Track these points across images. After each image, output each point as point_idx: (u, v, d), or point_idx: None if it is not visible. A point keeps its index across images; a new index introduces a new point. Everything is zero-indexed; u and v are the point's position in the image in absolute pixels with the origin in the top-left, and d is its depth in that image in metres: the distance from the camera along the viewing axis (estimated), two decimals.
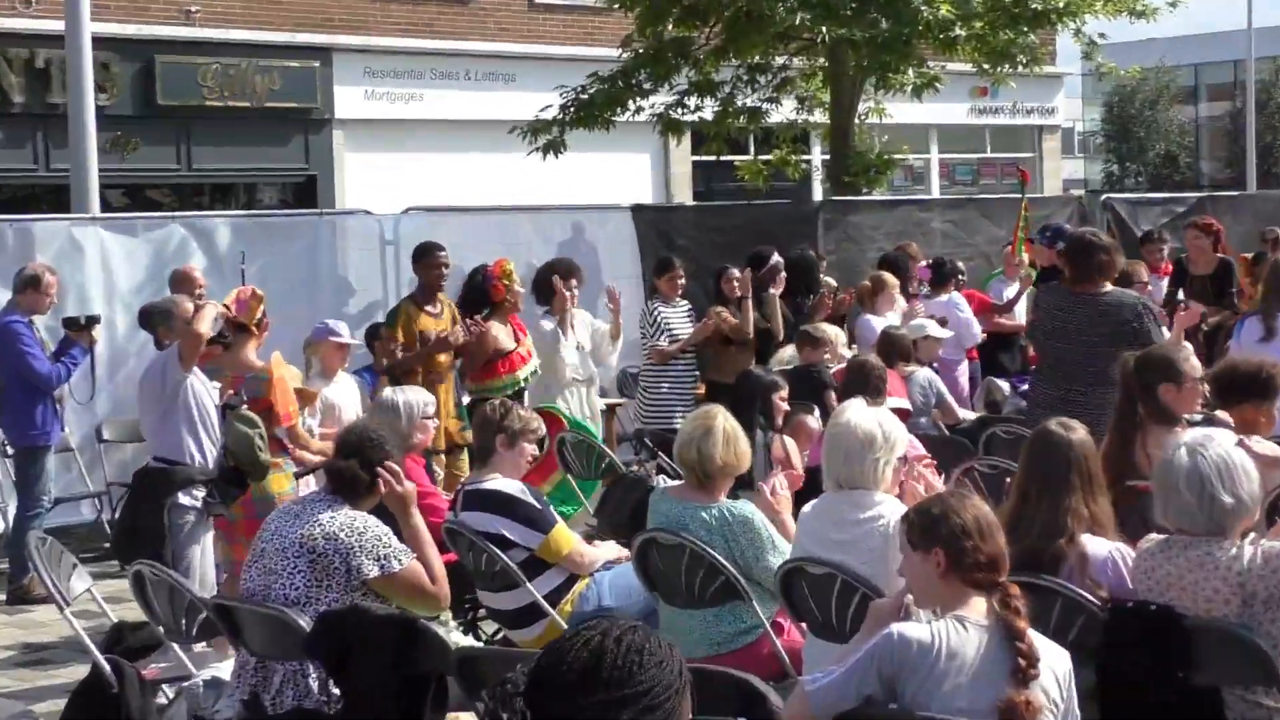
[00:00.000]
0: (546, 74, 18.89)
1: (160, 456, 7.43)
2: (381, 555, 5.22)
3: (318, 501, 5.41)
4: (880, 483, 5.38)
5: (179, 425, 7.39)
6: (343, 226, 12.78)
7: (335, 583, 5.20)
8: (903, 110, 18.67)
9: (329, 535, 5.22)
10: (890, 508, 5.32)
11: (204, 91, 19.47)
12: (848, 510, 5.38)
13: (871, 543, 5.27)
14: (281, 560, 5.25)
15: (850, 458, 5.38)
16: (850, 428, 5.41)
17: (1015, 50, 15.51)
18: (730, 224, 14.42)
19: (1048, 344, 8.18)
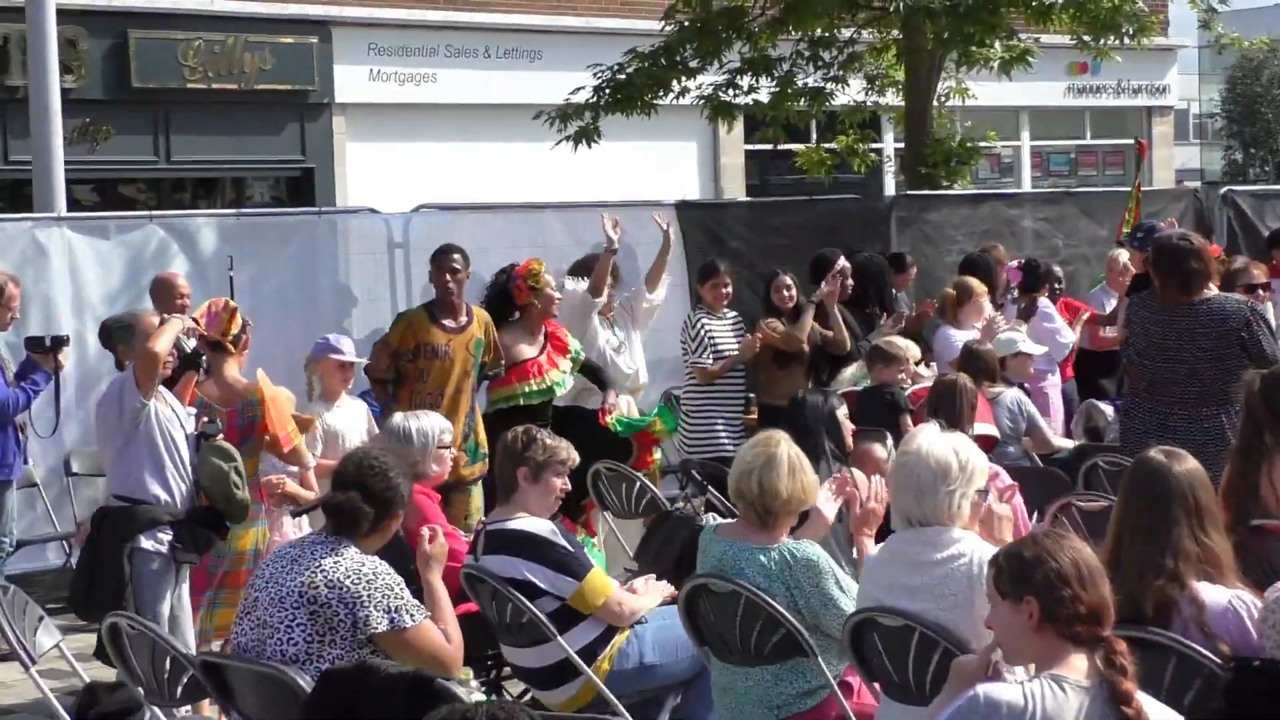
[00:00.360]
0: (578, 51, 18.97)
1: (121, 494, 7.45)
2: (393, 607, 5.25)
3: (318, 544, 5.45)
4: (957, 518, 5.40)
5: (140, 458, 7.39)
6: (345, 227, 12.87)
7: (339, 637, 5.23)
8: (989, 91, 18.63)
9: (333, 583, 5.24)
10: (972, 544, 5.33)
11: (185, 72, 19.61)
12: (922, 550, 5.39)
13: (952, 586, 5.28)
14: (278, 612, 5.28)
15: (923, 491, 5.40)
16: (921, 456, 5.43)
17: (1120, 19, 15.46)
18: (789, 223, 14.45)
19: (1142, 363, 8.20)
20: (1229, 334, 7.87)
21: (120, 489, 7.48)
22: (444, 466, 7.65)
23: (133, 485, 7.42)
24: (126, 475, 7.44)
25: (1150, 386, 8.15)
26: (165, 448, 7.44)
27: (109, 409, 7.50)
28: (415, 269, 12.62)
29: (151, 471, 7.42)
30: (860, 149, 18.28)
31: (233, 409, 7.97)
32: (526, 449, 6.74)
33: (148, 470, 7.42)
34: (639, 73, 16.00)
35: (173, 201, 20.09)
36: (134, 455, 7.41)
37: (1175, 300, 8.06)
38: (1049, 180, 27.45)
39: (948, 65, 16.59)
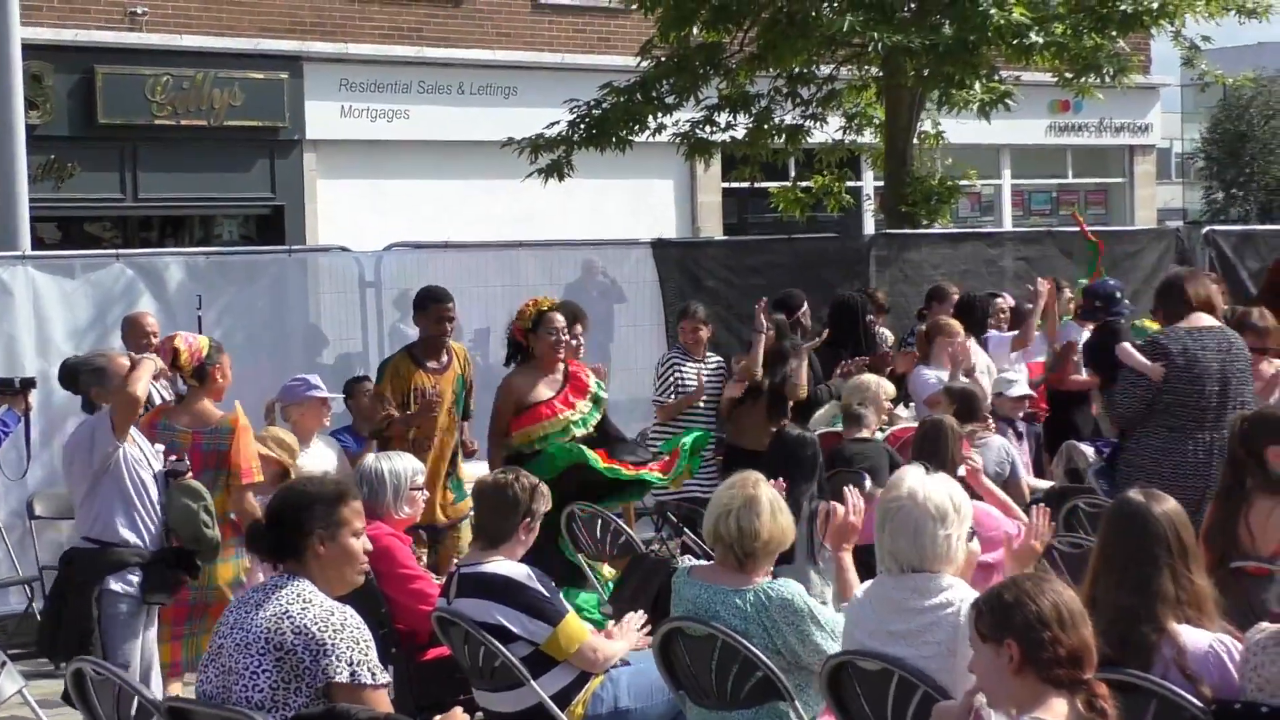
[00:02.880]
0: (553, 86, 19.07)
1: (89, 536, 7.50)
2: (356, 660, 5.19)
3: (280, 586, 5.37)
4: (952, 561, 5.43)
5: (110, 500, 7.47)
6: (315, 265, 12.90)
7: (304, 685, 5.17)
8: (970, 128, 18.74)
9: (299, 629, 5.17)
10: (961, 593, 5.36)
11: (152, 108, 19.61)
12: (909, 597, 5.42)
13: (938, 634, 5.31)
14: (243, 658, 5.22)
15: (920, 536, 5.43)
16: (918, 501, 5.46)
17: (1102, 59, 15.57)
18: (767, 262, 14.51)
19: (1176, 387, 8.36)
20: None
21: (89, 531, 7.52)
22: (416, 509, 7.67)
23: (101, 527, 7.48)
24: (95, 517, 7.49)
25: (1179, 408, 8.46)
26: (134, 489, 7.51)
27: (79, 451, 7.52)
28: (386, 307, 12.67)
29: (121, 513, 7.48)
30: (835, 189, 18.32)
31: (198, 434, 8.02)
32: (533, 500, 6.79)
33: (117, 512, 7.48)
34: (615, 108, 16.05)
35: (139, 240, 20.09)
36: (103, 497, 7.47)
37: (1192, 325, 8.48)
38: (1030, 219, 27.56)
39: (928, 105, 16.68)
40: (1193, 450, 8.44)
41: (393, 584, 7.27)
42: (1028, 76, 17.35)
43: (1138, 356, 8.62)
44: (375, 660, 5.22)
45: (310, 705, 5.13)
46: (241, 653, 5.21)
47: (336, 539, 5.36)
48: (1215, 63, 17.70)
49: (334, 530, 5.36)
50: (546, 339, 9.83)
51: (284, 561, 5.39)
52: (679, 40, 16.18)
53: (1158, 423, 8.58)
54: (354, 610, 5.29)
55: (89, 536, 7.49)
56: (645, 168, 20.58)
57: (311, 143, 20.87)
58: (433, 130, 21.27)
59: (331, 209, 20.76)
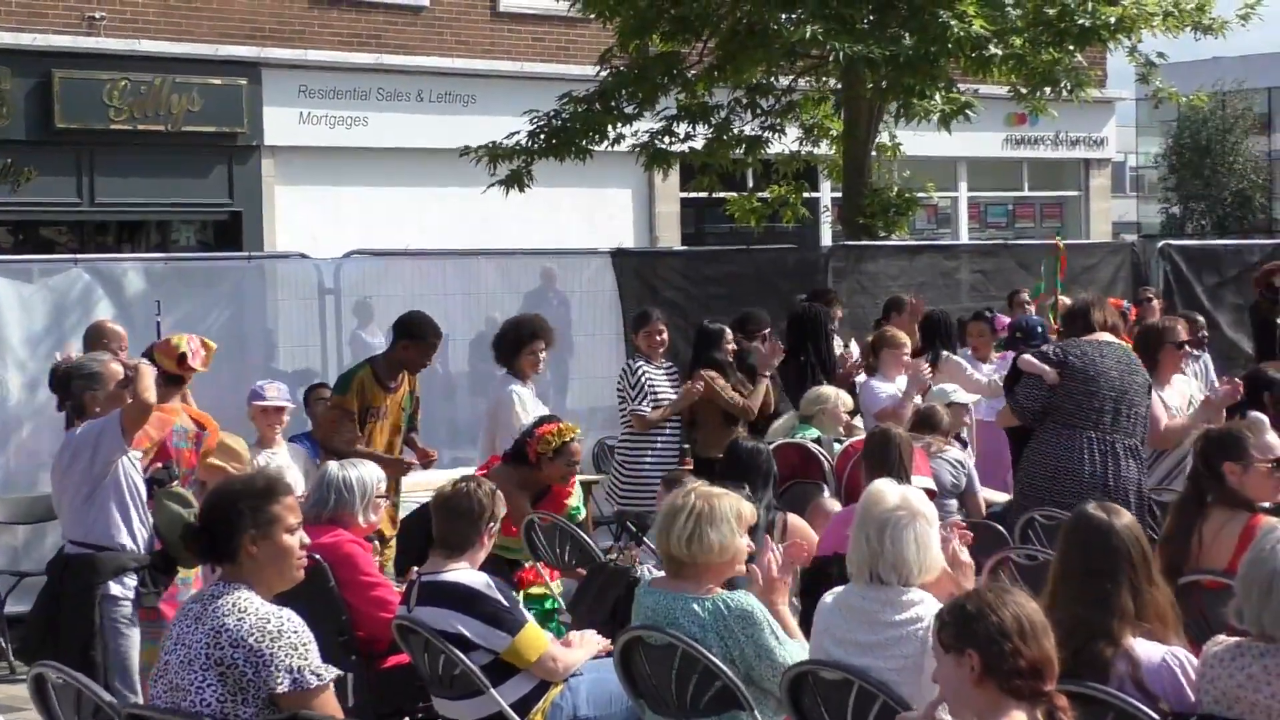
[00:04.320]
0: (512, 95, 19.06)
1: (84, 542, 7.51)
2: (296, 667, 5.13)
3: (217, 596, 5.31)
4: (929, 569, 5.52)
5: (108, 505, 7.50)
6: (274, 272, 12.89)
7: (250, 696, 5.13)
8: (927, 141, 18.81)
9: (237, 641, 5.10)
10: (930, 608, 5.40)
11: (110, 113, 19.54)
12: (880, 610, 5.47)
13: (906, 649, 5.36)
14: (188, 674, 5.15)
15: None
16: (889, 509, 5.54)
17: (1059, 73, 15.68)
18: (725, 272, 14.58)
19: (1072, 389, 8.66)
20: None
21: (85, 536, 7.53)
22: (379, 515, 7.71)
23: (99, 533, 7.51)
24: (93, 523, 7.51)
25: (1074, 412, 8.82)
26: (130, 494, 7.56)
27: (80, 454, 7.52)
28: (346, 315, 12.66)
29: (119, 518, 7.54)
30: (793, 200, 18.38)
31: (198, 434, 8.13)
32: (495, 505, 6.81)
33: (116, 517, 7.53)
34: (574, 117, 16.08)
35: (96, 245, 19.96)
36: (101, 502, 7.50)
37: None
38: (986, 231, 27.71)
39: (886, 117, 16.76)
40: (1085, 447, 8.66)
41: (354, 591, 7.27)
42: (985, 90, 17.44)
43: (1036, 363, 8.91)
44: (316, 661, 5.15)
45: (260, 714, 5.11)
46: (186, 669, 5.16)
47: (269, 537, 5.27)
48: (1170, 78, 17.84)
49: (265, 528, 5.27)
50: (562, 468, 9.48)
51: (220, 564, 5.37)
52: (638, 50, 16.24)
53: (1053, 420, 8.85)
54: (292, 612, 5.23)
55: (83, 541, 7.51)
56: (603, 177, 20.62)
57: (270, 149, 20.82)
58: (391, 138, 21.25)
59: (289, 216, 20.72)
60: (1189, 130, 46.01)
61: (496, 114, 18.18)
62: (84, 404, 7.70)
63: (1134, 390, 8.79)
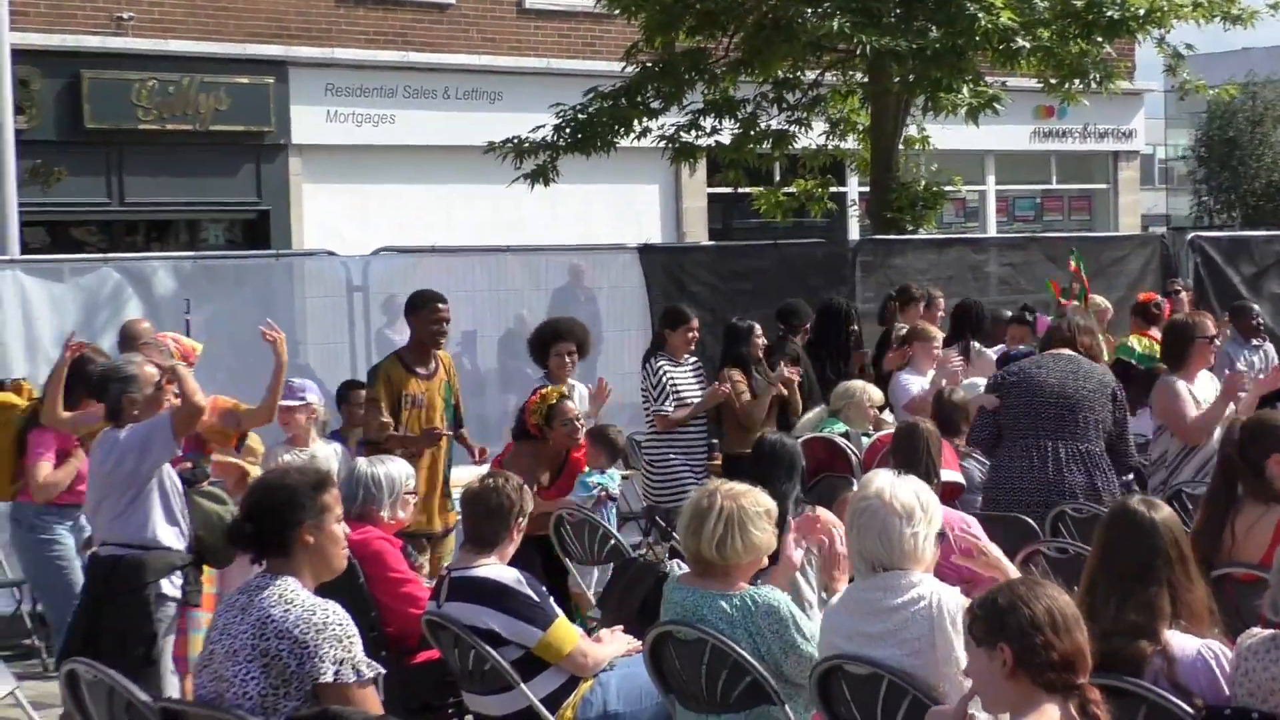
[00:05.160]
0: (539, 91, 19.07)
1: (131, 543, 7.55)
2: (340, 659, 5.17)
3: (261, 586, 5.36)
4: (921, 560, 5.47)
5: (154, 506, 7.57)
6: (302, 270, 12.92)
7: (294, 689, 5.16)
8: (954, 134, 18.79)
9: (282, 633, 5.14)
10: (930, 586, 5.41)
11: (138, 113, 19.61)
12: (881, 596, 5.45)
13: (914, 630, 5.34)
14: (232, 665, 5.20)
15: (888, 533, 5.47)
16: (885, 500, 5.51)
17: (1088, 65, 15.61)
18: (753, 267, 14.54)
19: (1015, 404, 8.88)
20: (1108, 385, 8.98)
21: (131, 538, 7.58)
22: (408, 512, 7.70)
23: (147, 534, 7.57)
24: (142, 524, 7.57)
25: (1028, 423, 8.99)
26: (174, 494, 7.65)
27: (125, 458, 7.55)
28: (374, 312, 12.68)
29: (165, 518, 7.61)
30: (819, 194, 18.33)
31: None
32: (522, 500, 6.83)
33: (162, 517, 7.60)
34: (600, 112, 16.06)
35: (125, 244, 20.04)
36: (149, 503, 7.56)
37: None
38: (1014, 225, 27.61)
39: (914, 110, 16.71)
40: (1028, 454, 8.76)
41: (383, 587, 7.28)
42: (1012, 82, 17.39)
43: (980, 397, 9.21)
44: (361, 655, 5.21)
45: (302, 707, 5.13)
46: (230, 660, 5.21)
47: (323, 527, 5.39)
48: (1199, 69, 17.74)
49: (319, 517, 5.39)
50: (562, 430, 9.65)
51: (268, 557, 5.40)
52: (664, 45, 16.22)
53: (1007, 436, 9.00)
54: (338, 605, 5.28)
55: (129, 543, 7.55)
56: (630, 173, 20.61)
57: (297, 147, 20.86)
58: (418, 135, 21.28)
59: (317, 214, 20.76)
60: (1218, 122, 45.79)
61: (523, 111, 18.16)
62: (121, 406, 7.71)
63: (1083, 397, 8.82)
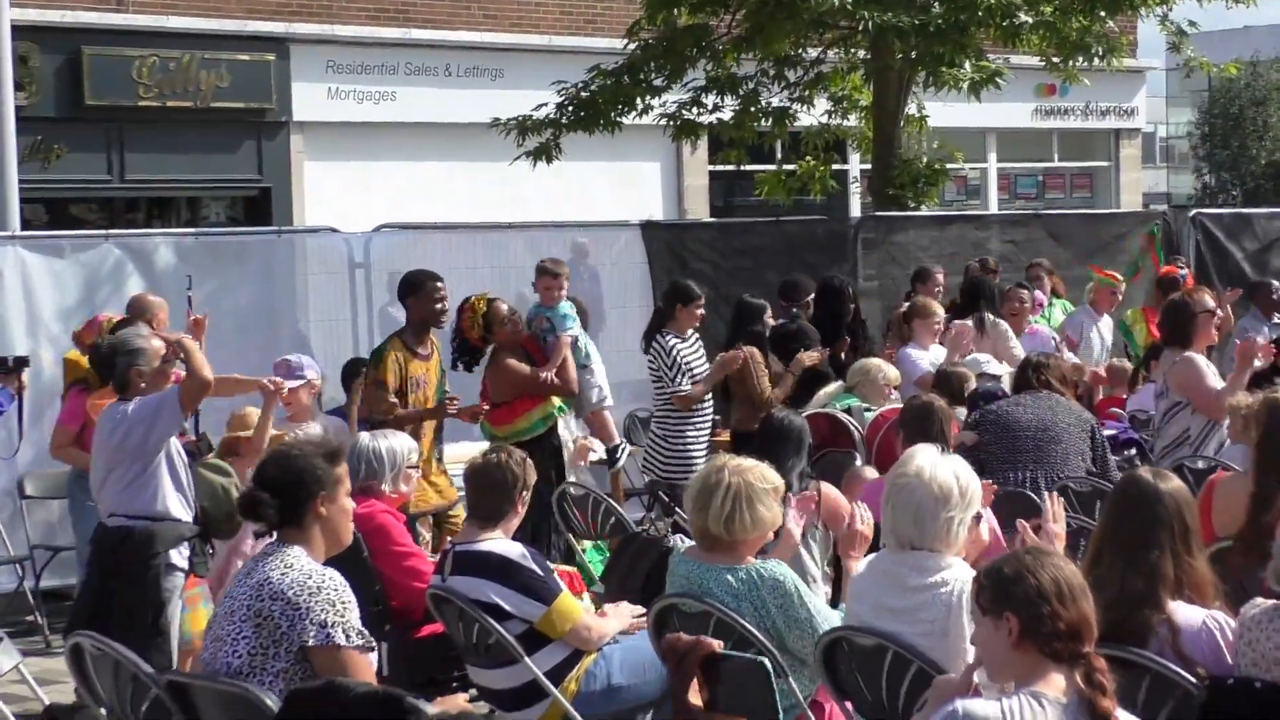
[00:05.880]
0: (541, 69, 19.05)
1: (140, 515, 7.60)
2: (329, 622, 5.17)
3: (270, 555, 5.39)
4: (953, 544, 5.47)
5: (163, 478, 7.62)
6: (304, 247, 12.91)
7: (283, 650, 5.20)
8: (956, 112, 18.77)
9: (276, 594, 5.18)
10: (959, 572, 5.42)
11: (139, 90, 19.55)
12: (909, 574, 5.46)
13: (931, 613, 5.36)
14: (228, 625, 5.27)
15: (921, 514, 5.47)
16: (924, 480, 5.50)
17: (1090, 39, 15.60)
18: (754, 244, 14.56)
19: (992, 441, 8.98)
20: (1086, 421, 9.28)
21: (143, 509, 7.62)
22: (410, 486, 7.72)
23: (160, 505, 7.63)
24: (152, 496, 7.62)
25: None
26: (181, 467, 7.70)
27: (133, 431, 7.58)
28: (376, 289, 12.68)
29: (174, 490, 7.66)
30: (820, 173, 18.28)
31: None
32: (526, 474, 6.85)
33: (171, 489, 7.65)
34: (603, 90, 16.06)
35: (125, 221, 20.01)
36: (158, 475, 7.61)
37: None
38: (1016, 202, 27.60)
39: (915, 86, 16.70)
40: (1015, 484, 8.78)
41: (387, 561, 7.30)
42: (1014, 60, 17.35)
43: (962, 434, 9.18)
44: (354, 622, 5.22)
45: (291, 670, 5.16)
46: (227, 620, 5.29)
47: (336, 499, 5.44)
48: (1201, 47, 17.72)
49: (333, 489, 5.43)
50: (506, 328, 10.08)
51: (281, 528, 5.42)
52: (666, 22, 16.20)
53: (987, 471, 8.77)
54: (337, 573, 5.31)
55: (139, 514, 7.60)
56: (632, 150, 20.57)
57: (298, 124, 20.81)
58: (420, 112, 21.22)
59: (318, 191, 20.71)
60: (1220, 100, 45.80)
61: (525, 88, 18.14)
62: (129, 379, 7.72)
63: (1061, 430, 8.99)
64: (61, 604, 10.52)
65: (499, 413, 10.17)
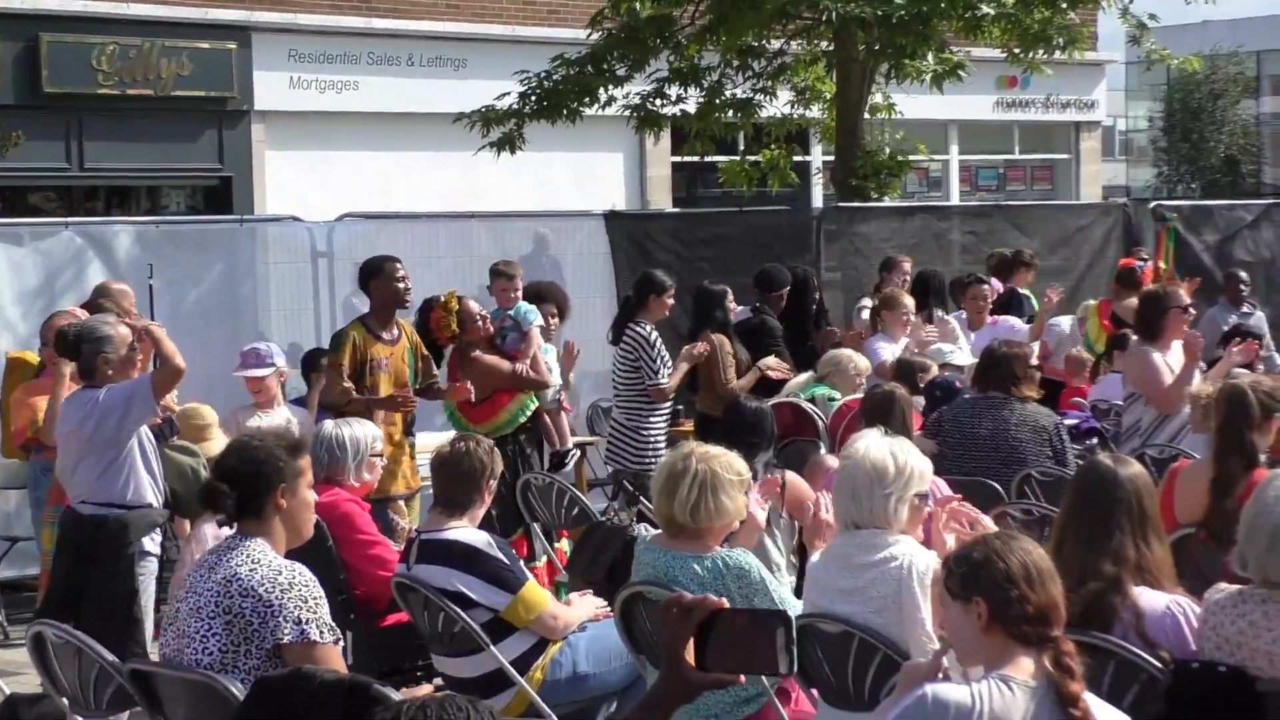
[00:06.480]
0: (504, 59, 18.99)
1: (106, 502, 7.59)
2: (304, 619, 5.17)
3: (232, 548, 5.36)
4: (894, 522, 5.50)
5: (135, 465, 7.63)
6: (265, 236, 12.87)
7: (254, 647, 5.17)
8: (917, 104, 18.82)
9: (247, 590, 5.15)
10: (906, 547, 5.46)
11: (99, 77, 19.43)
12: (856, 553, 5.51)
13: (882, 589, 5.40)
14: (195, 621, 5.21)
15: (858, 492, 5.52)
16: (858, 460, 5.57)
17: (1052, 31, 15.66)
18: (718, 234, 14.58)
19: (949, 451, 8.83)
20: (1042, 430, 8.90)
21: (117, 497, 7.63)
22: (375, 475, 7.69)
23: (133, 493, 7.64)
24: (126, 483, 7.63)
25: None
26: (151, 453, 7.71)
27: (105, 419, 7.57)
28: (339, 278, 12.64)
29: (146, 477, 7.67)
30: (783, 164, 18.29)
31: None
32: (494, 463, 6.84)
33: (143, 476, 7.66)
34: (566, 80, 16.04)
35: (85, 210, 19.84)
36: (129, 463, 7.62)
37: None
38: (977, 194, 27.68)
39: (878, 79, 16.73)
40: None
41: (351, 550, 7.27)
42: (976, 53, 17.41)
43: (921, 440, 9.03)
44: (325, 617, 5.21)
45: (263, 668, 5.13)
46: (193, 616, 5.22)
47: (297, 491, 5.40)
48: (1161, 40, 17.80)
49: (294, 481, 5.39)
50: (475, 326, 10.02)
51: (241, 520, 5.39)
52: (629, 12, 16.19)
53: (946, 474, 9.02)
54: (304, 568, 5.29)
55: (111, 502, 7.60)
56: (594, 141, 20.57)
57: (260, 113, 20.71)
58: (382, 102, 21.15)
59: (280, 181, 20.63)
60: (1180, 94, 46.06)
61: (488, 78, 18.08)
62: (95, 367, 7.68)
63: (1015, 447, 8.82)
64: (20, 595, 10.47)
65: (479, 409, 10.04)
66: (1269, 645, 4.71)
